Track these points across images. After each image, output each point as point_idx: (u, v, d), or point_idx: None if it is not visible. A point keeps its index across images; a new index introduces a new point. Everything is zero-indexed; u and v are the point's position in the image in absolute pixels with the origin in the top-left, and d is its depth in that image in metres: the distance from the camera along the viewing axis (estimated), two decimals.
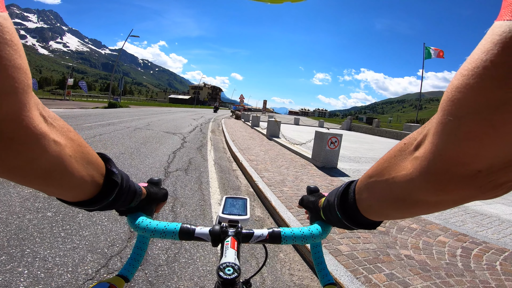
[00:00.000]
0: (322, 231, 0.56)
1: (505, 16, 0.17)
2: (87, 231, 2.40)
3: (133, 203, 0.51)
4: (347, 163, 6.96)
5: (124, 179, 0.45)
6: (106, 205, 0.42)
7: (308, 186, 0.66)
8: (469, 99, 0.19)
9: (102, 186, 0.40)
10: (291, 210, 3.27)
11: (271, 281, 2.11)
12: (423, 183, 0.25)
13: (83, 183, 0.36)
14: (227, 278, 0.43)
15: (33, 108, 0.25)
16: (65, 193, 0.36)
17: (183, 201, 3.43)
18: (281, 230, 0.56)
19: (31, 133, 0.25)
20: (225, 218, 0.61)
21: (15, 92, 0.22)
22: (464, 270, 2.28)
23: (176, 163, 5.30)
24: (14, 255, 1.95)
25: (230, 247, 0.50)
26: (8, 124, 0.23)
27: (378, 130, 22.99)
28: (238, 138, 9.82)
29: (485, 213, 3.90)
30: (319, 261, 0.59)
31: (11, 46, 0.21)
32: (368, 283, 2.00)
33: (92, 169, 0.37)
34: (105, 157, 0.42)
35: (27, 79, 0.23)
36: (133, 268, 0.53)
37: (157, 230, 0.53)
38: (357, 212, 0.40)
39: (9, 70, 0.21)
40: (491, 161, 0.20)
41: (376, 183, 0.34)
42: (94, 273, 1.88)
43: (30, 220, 2.47)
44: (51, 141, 0.28)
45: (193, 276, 2.02)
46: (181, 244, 2.40)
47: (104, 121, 10.96)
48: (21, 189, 3.09)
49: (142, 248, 0.55)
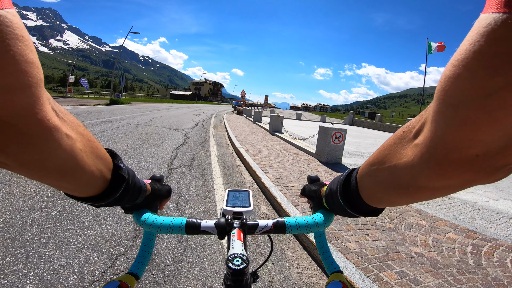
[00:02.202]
0: (325, 220, 0.56)
1: (490, 9, 0.18)
2: (92, 231, 2.37)
3: (139, 199, 0.51)
4: (351, 158, 6.91)
5: (131, 175, 0.45)
6: (113, 201, 0.43)
7: (309, 176, 0.67)
8: (461, 88, 0.20)
9: (110, 181, 0.40)
10: (297, 206, 3.23)
11: (279, 280, 2.07)
12: (425, 169, 0.26)
13: (93, 177, 0.36)
14: (237, 268, 0.44)
15: (46, 103, 0.26)
16: (77, 188, 0.36)
17: (187, 198, 3.40)
18: (285, 220, 0.56)
19: (45, 126, 0.25)
20: (229, 211, 0.61)
21: (29, 87, 0.23)
22: (476, 267, 2.24)
23: (179, 160, 5.27)
24: (19, 256, 1.92)
25: (236, 239, 0.51)
26: (23, 119, 0.23)
27: (380, 125, 22.87)
28: (240, 133, 9.77)
29: (493, 210, 3.85)
30: (324, 250, 0.60)
31: (23, 42, 0.22)
32: (379, 281, 1.96)
33: (101, 163, 0.37)
34: (113, 153, 0.43)
35: (39, 73, 0.24)
36: (142, 266, 0.53)
37: (163, 225, 0.53)
38: (359, 199, 0.40)
39: (22, 65, 0.22)
40: (487, 145, 0.21)
41: (377, 171, 0.35)
42: (100, 274, 1.85)
43: (34, 219, 2.44)
44: (63, 134, 0.28)
45: (201, 276, 1.99)
46: (187, 243, 2.37)
47: (106, 118, 10.92)
48: (24, 188, 3.06)
49: (149, 245, 0.56)
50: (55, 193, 3.02)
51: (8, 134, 0.23)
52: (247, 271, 0.46)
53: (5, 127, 0.23)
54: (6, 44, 0.20)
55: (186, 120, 13.72)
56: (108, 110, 15.19)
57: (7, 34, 0.20)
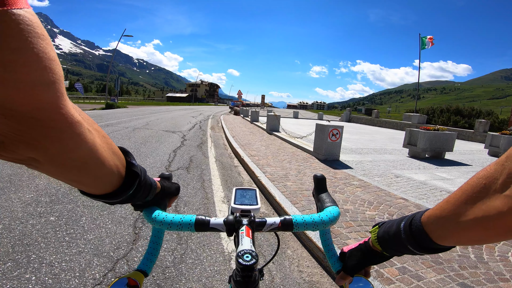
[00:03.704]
0: (331, 218, 0.57)
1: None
2: (91, 235, 2.37)
3: (149, 196, 0.51)
4: (349, 155, 6.94)
5: (143, 171, 0.46)
6: (126, 198, 0.43)
7: (315, 175, 0.66)
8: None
9: (124, 177, 0.41)
10: (296, 205, 3.24)
11: (280, 279, 2.08)
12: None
13: (111, 173, 0.37)
14: (247, 264, 0.45)
15: (67, 99, 0.27)
16: (96, 184, 0.36)
17: (186, 200, 3.40)
18: (292, 218, 0.57)
19: (70, 121, 0.27)
20: (237, 208, 0.62)
21: (53, 82, 0.24)
22: (478, 262, 2.26)
23: (177, 162, 5.26)
24: (20, 261, 1.92)
25: (245, 236, 0.52)
26: (49, 113, 0.24)
27: (377, 120, 22.96)
28: (238, 133, 9.77)
29: None
30: (329, 248, 0.61)
31: (44, 40, 0.22)
32: (380, 277, 1.97)
33: (117, 159, 0.38)
34: (125, 150, 0.43)
35: (60, 70, 0.25)
36: (151, 262, 0.54)
37: (173, 222, 0.54)
38: (427, 240, 0.41)
39: (46, 62, 0.23)
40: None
41: (455, 216, 0.36)
42: (101, 277, 1.85)
43: (33, 225, 2.43)
44: (86, 129, 0.30)
45: (201, 277, 2.00)
46: (186, 244, 2.37)
47: (103, 122, 10.89)
48: (22, 195, 3.05)
49: (158, 242, 0.57)
50: (53, 199, 3.02)
51: (37, 129, 0.24)
52: (256, 267, 0.47)
53: (34, 122, 0.24)
54: (29, 42, 0.21)
55: (183, 122, 13.70)
56: (105, 115, 15.13)
57: (29, 32, 0.21)
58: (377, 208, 3.29)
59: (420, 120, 19.15)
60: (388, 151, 8.18)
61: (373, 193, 3.85)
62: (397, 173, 5.36)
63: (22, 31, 0.21)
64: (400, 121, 21.25)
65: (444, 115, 23.58)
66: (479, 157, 8.67)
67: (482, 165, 7.13)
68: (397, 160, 6.84)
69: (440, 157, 7.66)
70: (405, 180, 4.86)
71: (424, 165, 6.46)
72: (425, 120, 19.57)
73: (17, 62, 0.21)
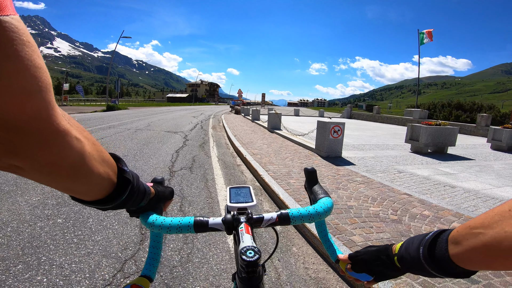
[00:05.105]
0: (326, 209, 0.58)
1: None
2: (99, 236, 2.40)
3: (143, 202, 0.51)
4: (351, 151, 6.94)
5: (135, 178, 0.46)
6: (119, 204, 0.43)
7: (306, 168, 0.68)
8: None
9: (116, 184, 0.41)
10: (300, 202, 3.26)
11: (286, 276, 2.10)
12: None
13: (101, 180, 0.37)
14: (250, 260, 0.45)
15: (55, 107, 0.26)
16: (87, 191, 0.37)
17: (190, 200, 3.43)
18: (288, 212, 0.58)
19: (57, 129, 0.26)
20: (234, 207, 0.63)
21: (40, 91, 0.23)
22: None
23: (180, 162, 5.29)
24: (31, 264, 1.95)
25: (245, 233, 0.52)
26: (36, 122, 0.24)
27: (379, 116, 22.91)
28: (239, 132, 9.79)
29: (496, 197, 3.89)
30: (326, 238, 0.64)
31: (29, 47, 0.22)
32: None
33: (107, 166, 0.38)
34: (116, 157, 0.43)
35: (47, 78, 0.24)
36: (154, 267, 0.55)
37: (172, 226, 0.54)
38: (450, 262, 0.38)
39: (31, 70, 0.22)
40: None
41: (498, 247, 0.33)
42: (111, 278, 1.88)
43: (41, 227, 2.46)
44: (73, 137, 0.29)
45: (208, 276, 2.02)
46: (193, 244, 2.40)
47: (104, 124, 10.93)
48: (29, 197, 3.08)
49: (157, 247, 0.57)
50: (59, 201, 3.05)
51: (23, 137, 0.24)
52: (259, 262, 0.47)
53: (20, 130, 0.23)
54: (14, 50, 0.21)
55: (185, 123, 13.73)
56: (106, 117, 15.18)
57: (14, 39, 0.21)
58: (381, 204, 3.30)
59: (421, 115, 19.10)
60: (390, 147, 8.18)
61: (377, 189, 3.86)
62: (400, 168, 5.37)
63: (7, 38, 0.21)
64: (401, 116, 21.20)
65: (445, 110, 23.50)
66: (481, 151, 8.65)
67: (485, 159, 7.12)
68: (400, 155, 6.84)
69: (443, 152, 7.65)
70: (408, 175, 4.87)
71: (427, 160, 6.47)
72: (427, 115, 19.51)
73: (2, 69, 0.21)
